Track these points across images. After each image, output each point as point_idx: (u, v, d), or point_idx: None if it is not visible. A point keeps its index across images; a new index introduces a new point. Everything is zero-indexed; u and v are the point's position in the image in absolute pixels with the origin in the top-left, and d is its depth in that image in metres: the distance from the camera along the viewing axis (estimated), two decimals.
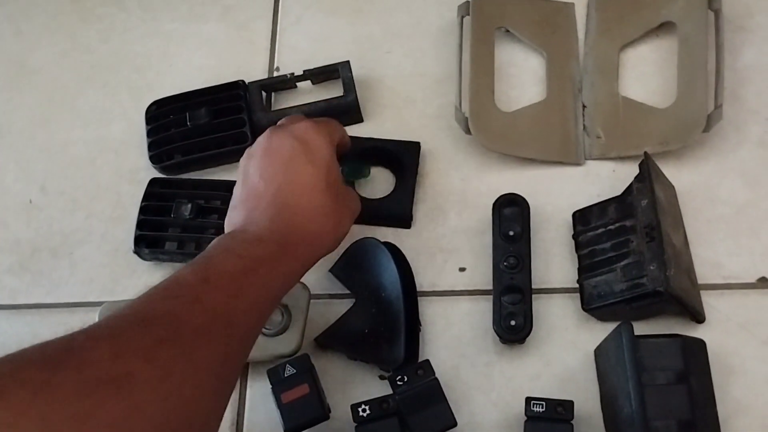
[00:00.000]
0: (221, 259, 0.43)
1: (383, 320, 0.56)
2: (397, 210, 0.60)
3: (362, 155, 0.62)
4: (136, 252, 0.62)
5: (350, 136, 0.59)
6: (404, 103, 0.66)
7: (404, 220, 0.60)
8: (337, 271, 0.59)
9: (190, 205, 0.61)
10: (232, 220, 0.50)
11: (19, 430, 0.30)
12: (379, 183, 0.63)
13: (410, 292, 0.57)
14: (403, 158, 0.61)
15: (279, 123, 0.54)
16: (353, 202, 0.54)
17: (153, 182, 0.63)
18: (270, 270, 0.44)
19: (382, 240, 0.58)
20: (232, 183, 0.62)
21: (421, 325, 0.57)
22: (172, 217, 0.61)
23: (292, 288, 0.56)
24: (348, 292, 0.59)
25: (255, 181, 0.49)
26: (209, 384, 0.38)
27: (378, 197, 0.61)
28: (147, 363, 0.35)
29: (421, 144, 0.63)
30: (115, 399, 0.32)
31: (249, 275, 0.43)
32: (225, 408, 0.40)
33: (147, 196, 0.63)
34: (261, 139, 0.52)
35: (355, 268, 0.58)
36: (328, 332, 0.57)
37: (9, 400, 0.30)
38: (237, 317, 0.41)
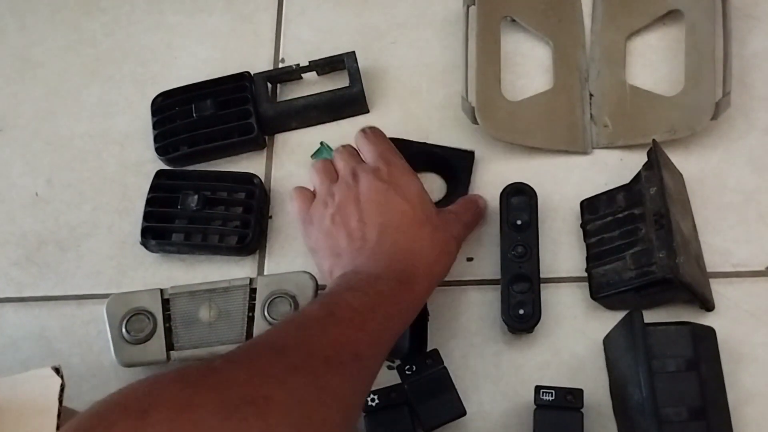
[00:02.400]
0: (345, 295, 0.45)
1: None
2: None
3: (414, 159, 0.60)
4: (143, 244, 0.62)
5: (403, 140, 0.60)
6: (410, 93, 0.66)
7: None
8: None
9: (196, 197, 0.61)
10: (337, 265, 0.50)
11: None
12: (431, 191, 0.60)
13: None
14: (456, 167, 0.60)
15: (343, 168, 0.54)
16: (453, 227, 0.54)
17: (159, 174, 0.63)
18: (392, 305, 0.46)
19: None
20: (239, 174, 0.63)
21: (429, 315, 0.57)
22: (179, 209, 0.61)
23: (300, 278, 0.57)
24: None
25: (353, 226, 0.50)
26: (337, 412, 0.39)
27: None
28: (281, 388, 0.36)
29: (428, 134, 0.63)
30: (254, 420, 0.34)
31: (372, 309, 0.44)
32: None
33: (153, 187, 0.63)
34: (339, 190, 0.52)
35: None
36: None
37: (156, 420, 0.31)
38: (362, 349, 0.42)
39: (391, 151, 0.54)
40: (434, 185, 0.62)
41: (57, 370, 0.49)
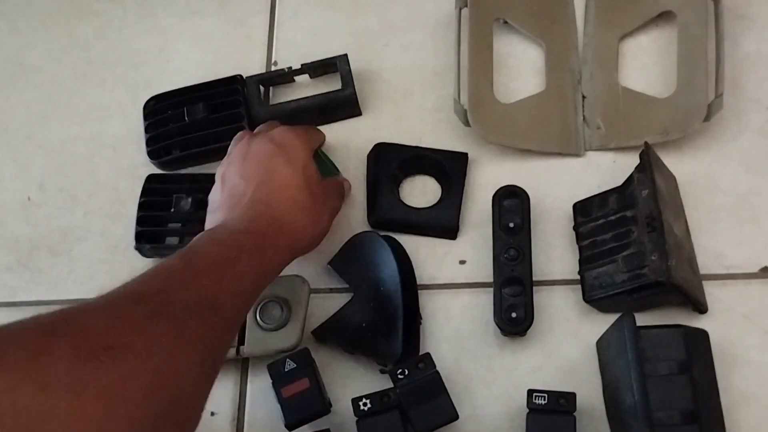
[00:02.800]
0: (205, 247, 0.45)
1: (381, 314, 0.56)
2: (444, 221, 0.59)
3: (407, 163, 0.61)
4: (137, 249, 0.61)
5: (396, 144, 0.61)
6: (403, 96, 0.66)
7: (450, 231, 0.59)
8: (336, 264, 0.59)
9: (189, 199, 0.61)
10: (213, 221, 0.52)
11: (17, 394, 0.31)
12: (425, 194, 0.61)
13: (409, 286, 0.57)
14: (450, 169, 0.60)
15: (256, 131, 0.58)
16: (333, 199, 0.56)
17: (150, 178, 0.63)
18: (251, 258, 0.46)
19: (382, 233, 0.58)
20: None
21: (422, 318, 0.57)
22: (172, 212, 0.61)
23: (292, 282, 0.56)
24: (348, 286, 0.59)
25: (235, 182, 0.52)
26: (196, 361, 0.39)
27: (423, 207, 0.60)
28: (139, 335, 0.36)
29: (420, 136, 0.63)
30: (109, 368, 0.33)
31: (232, 262, 0.45)
32: (208, 393, 0.40)
33: (145, 192, 0.63)
34: (238, 147, 0.55)
35: (354, 261, 0.58)
36: (325, 325, 0.56)
37: (8, 365, 0.31)
38: (221, 299, 0.42)
39: (301, 128, 0.56)
40: (428, 188, 0.62)
41: None
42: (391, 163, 0.60)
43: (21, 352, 0.32)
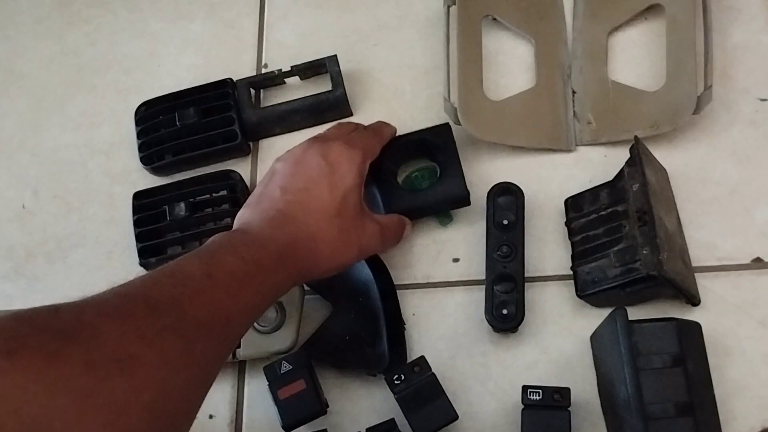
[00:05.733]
0: (225, 257, 0.44)
1: (363, 324, 0.55)
2: (453, 191, 0.58)
3: (398, 153, 0.60)
4: (143, 264, 0.61)
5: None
6: (393, 95, 0.66)
7: (462, 199, 0.58)
8: (312, 282, 0.58)
9: (183, 204, 0.61)
10: (242, 216, 0.50)
11: (27, 394, 0.31)
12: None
13: (388, 293, 0.56)
14: (438, 143, 0.59)
15: (327, 130, 0.57)
16: (366, 239, 0.52)
17: (137, 195, 0.63)
18: (267, 277, 0.45)
19: None
20: (217, 173, 0.63)
21: (405, 323, 0.56)
22: (169, 221, 0.61)
23: None
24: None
25: (274, 187, 0.51)
26: (198, 377, 0.39)
27: (426, 187, 0.59)
28: (150, 348, 0.36)
29: None
30: (118, 379, 0.34)
31: (249, 278, 0.44)
32: (202, 403, 0.41)
33: (136, 209, 0.62)
34: (298, 148, 0.53)
35: None
36: (309, 342, 0.56)
37: (22, 364, 0.32)
38: (234, 316, 0.42)
39: (355, 146, 0.54)
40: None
41: None
42: (381, 158, 0.60)
43: (37, 353, 0.32)
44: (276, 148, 0.66)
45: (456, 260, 0.59)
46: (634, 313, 0.49)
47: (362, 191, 0.53)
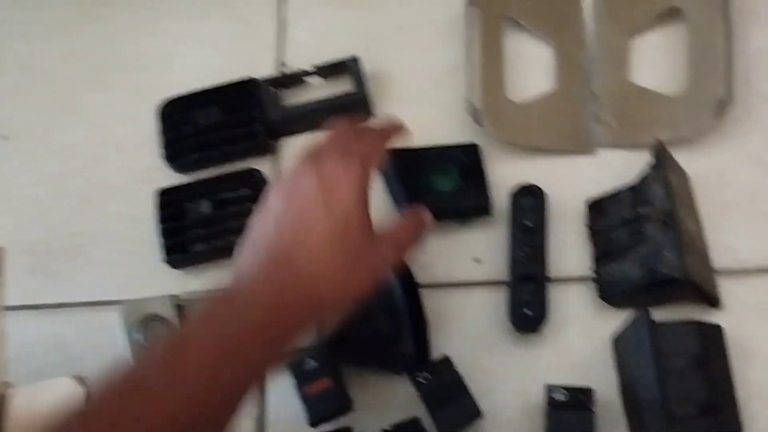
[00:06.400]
0: (204, 334, 0.41)
1: (387, 323, 0.56)
2: (476, 199, 0.58)
3: (423, 164, 0.60)
4: (168, 262, 0.62)
5: (407, 149, 0.58)
6: (414, 96, 0.66)
7: (483, 208, 0.58)
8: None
9: (207, 202, 0.61)
10: (240, 261, 0.46)
11: None
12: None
13: (412, 291, 0.56)
14: (466, 162, 0.60)
15: (323, 138, 0.49)
16: (379, 256, 0.47)
17: (162, 192, 0.63)
18: (254, 341, 0.42)
19: None
20: (240, 172, 0.63)
21: (428, 323, 0.57)
22: (193, 219, 0.62)
23: None
24: None
25: (268, 227, 0.46)
26: None
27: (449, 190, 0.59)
28: None
29: (431, 136, 0.63)
30: None
31: (228, 361, 0.41)
32: None
33: (161, 206, 0.63)
34: (290, 173, 0.47)
35: None
36: (332, 340, 0.55)
37: None
38: (204, 411, 0.40)
39: (350, 158, 0.47)
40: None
41: (80, 380, 0.49)
42: (408, 168, 0.59)
43: None
44: (297, 146, 0.66)
45: (477, 260, 0.59)
46: (655, 315, 0.49)
47: (367, 203, 0.46)
